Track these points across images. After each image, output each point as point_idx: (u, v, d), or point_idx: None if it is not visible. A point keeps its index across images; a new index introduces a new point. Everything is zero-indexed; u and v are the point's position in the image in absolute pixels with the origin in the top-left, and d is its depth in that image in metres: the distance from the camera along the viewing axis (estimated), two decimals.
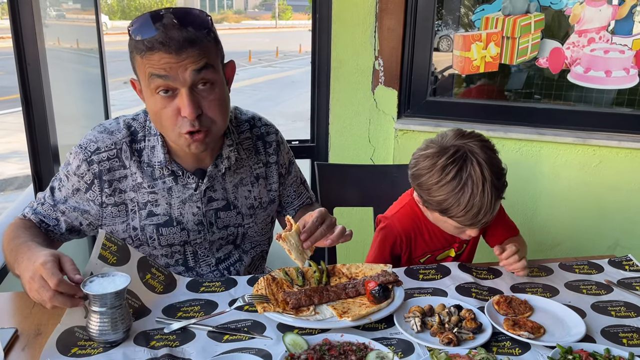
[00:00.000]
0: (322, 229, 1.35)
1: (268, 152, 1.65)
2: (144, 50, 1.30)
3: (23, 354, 1.18)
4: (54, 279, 1.16)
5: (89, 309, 1.18)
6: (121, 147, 1.49)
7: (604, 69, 2.48)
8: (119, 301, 1.19)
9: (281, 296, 1.37)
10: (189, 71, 1.31)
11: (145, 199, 1.51)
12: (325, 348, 1.19)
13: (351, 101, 2.72)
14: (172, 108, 1.35)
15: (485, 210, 1.50)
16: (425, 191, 1.56)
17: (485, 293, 1.48)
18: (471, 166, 1.50)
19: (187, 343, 1.22)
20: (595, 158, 2.50)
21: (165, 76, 1.31)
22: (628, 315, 1.39)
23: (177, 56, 1.29)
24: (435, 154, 1.54)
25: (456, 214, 1.51)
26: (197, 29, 1.32)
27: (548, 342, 1.24)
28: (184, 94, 1.32)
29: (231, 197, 1.59)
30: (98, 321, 1.17)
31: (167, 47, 1.28)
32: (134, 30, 1.32)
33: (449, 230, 1.64)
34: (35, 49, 1.90)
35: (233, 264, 1.66)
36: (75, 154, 1.49)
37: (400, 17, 2.58)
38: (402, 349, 1.22)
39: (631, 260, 1.70)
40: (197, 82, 1.34)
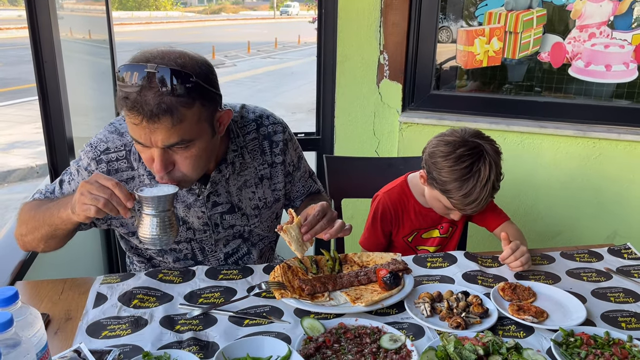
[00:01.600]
0: (323, 222, 1.39)
1: (274, 152, 1.64)
2: (122, 103, 1.26)
3: (56, 337, 1.24)
4: (112, 180, 1.24)
5: (141, 214, 1.27)
6: (130, 148, 1.49)
7: (604, 63, 2.54)
8: (169, 206, 1.27)
9: (297, 283, 1.44)
10: (160, 141, 1.28)
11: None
12: (341, 331, 1.26)
13: (356, 95, 2.78)
14: (146, 155, 1.34)
15: (478, 202, 1.70)
16: (437, 170, 1.73)
17: (491, 280, 1.55)
18: (482, 164, 1.68)
19: (210, 327, 1.28)
20: (595, 150, 2.56)
21: (138, 137, 1.29)
22: (627, 301, 1.47)
23: (150, 125, 1.24)
24: (456, 143, 1.72)
25: (454, 197, 1.70)
26: (178, 94, 1.24)
27: (551, 325, 1.31)
28: (156, 154, 1.31)
29: (235, 199, 1.60)
30: (149, 224, 1.26)
31: (139, 113, 1.23)
32: (120, 78, 1.26)
33: (437, 208, 1.84)
34: (51, 45, 1.94)
35: (242, 257, 1.71)
36: (86, 152, 1.51)
37: (405, 12, 2.63)
38: (413, 332, 1.29)
39: (630, 248, 1.77)
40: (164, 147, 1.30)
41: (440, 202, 1.78)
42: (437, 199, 1.78)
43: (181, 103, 1.25)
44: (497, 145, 1.76)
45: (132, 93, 1.23)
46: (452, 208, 1.76)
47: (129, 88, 1.23)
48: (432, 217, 1.91)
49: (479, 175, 1.67)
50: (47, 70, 1.97)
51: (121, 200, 1.24)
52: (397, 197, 1.90)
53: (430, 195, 1.82)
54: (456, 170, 1.68)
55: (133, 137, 1.32)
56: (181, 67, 1.26)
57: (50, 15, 1.93)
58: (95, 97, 2.87)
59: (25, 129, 7.86)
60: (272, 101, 10.50)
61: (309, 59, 3.50)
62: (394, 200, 1.90)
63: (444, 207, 1.79)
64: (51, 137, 2.06)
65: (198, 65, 1.31)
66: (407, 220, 1.90)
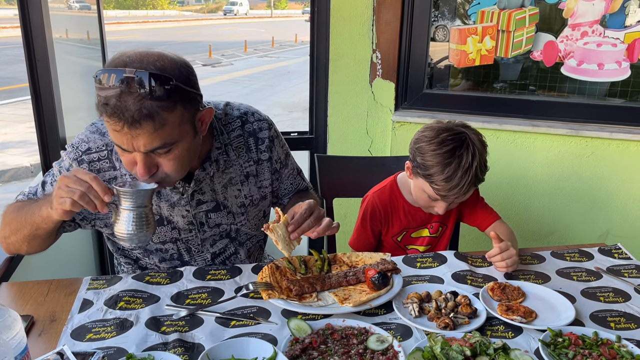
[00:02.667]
0: (310, 221, 1.37)
1: (260, 149, 1.62)
2: (102, 109, 1.23)
3: (40, 339, 1.23)
4: (90, 174, 1.23)
5: (118, 209, 1.25)
6: (112, 148, 1.48)
7: (597, 61, 2.53)
8: (147, 202, 1.26)
9: (285, 284, 1.43)
10: (142, 145, 1.26)
11: None
12: (328, 332, 1.25)
13: (349, 94, 2.77)
14: (128, 158, 1.33)
15: (460, 188, 1.67)
16: (421, 155, 1.73)
17: (480, 280, 1.54)
18: (465, 149, 1.68)
19: (196, 328, 1.27)
20: (587, 149, 2.56)
21: (120, 143, 1.28)
22: (616, 301, 1.46)
23: (130, 130, 1.22)
24: (441, 129, 1.73)
25: (436, 181, 1.69)
26: (159, 101, 1.22)
27: (539, 326, 1.31)
28: (138, 158, 1.29)
29: (220, 197, 1.59)
30: (125, 219, 1.24)
31: (120, 119, 1.21)
32: (97, 82, 1.23)
33: (422, 201, 1.81)
34: (44, 44, 1.93)
35: (229, 257, 1.70)
36: (68, 153, 1.50)
37: (398, 11, 2.62)
38: (401, 333, 1.28)
39: (620, 248, 1.77)
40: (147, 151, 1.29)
41: (424, 192, 1.75)
42: (421, 189, 1.76)
43: (162, 107, 1.23)
44: (484, 139, 1.75)
45: (111, 98, 1.20)
46: (436, 197, 1.73)
47: (108, 92, 1.21)
48: (421, 216, 1.90)
49: (461, 159, 1.66)
50: (39, 69, 1.96)
51: (98, 194, 1.22)
52: (387, 196, 1.90)
53: (415, 187, 1.80)
54: (438, 154, 1.67)
55: (114, 143, 1.31)
56: (160, 70, 1.24)
57: (42, 14, 1.93)
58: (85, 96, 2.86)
59: (20, 128, 7.83)
60: (269, 100, 10.49)
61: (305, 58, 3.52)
62: (384, 200, 1.89)
63: (429, 199, 1.76)
64: (44, 136, 2.05)
65: (177, 68, 1.28)
66: (396, 219, 1.90)
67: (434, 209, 1.80)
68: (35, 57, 1.93)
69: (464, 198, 1.75)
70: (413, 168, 1.78)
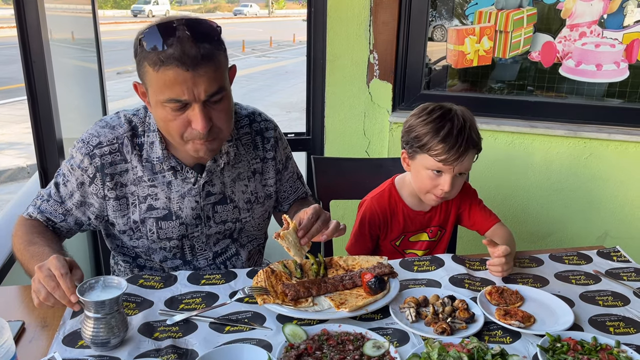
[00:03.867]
0: (318, 224, 1.41)
1: (266, 148, 1.67)
2: (158, 64, 1.28)
3: (31, 346, 1.21)
4: (62, 269, 1.17)
5: (85, 315, 1.17)
6: (123, 141, 1.50)
7: (595, 62, 2.52)
8: (115, 307, 1.18)
9: (280, 288, 1.41)
10: (203, 91, 1.31)
11: (145, 193, 1.54)
12: (323, 338, 1.24)
13: (346, 94, 2.75)
14: (182, 120, 1.35)
15: (458, 147, 1.65)
16: (412, 131, 1.72)
17: (478, 284, 1.53)
18: (454, 114, 1.70)
19: (190, 334, 1.26)
20: (585, 150, 2.55)
21: (179, 94, 1.30)
22: (615, 305, 1.45)
23: (193, 73, 1.28)
24: (426, 105, 1.76)
25: (433, 146, 1.66)
26: (210, 43, 1.31)
27: (538, 330, 1.29)
28: (197, 109, 1.33)
29: (228, 191, 1.61)
30: (93, 326, 1.16)
31: (183, 64, 1.26)
32: (147, 41, 1.29)
33: (425, 183, 1.74)
34: (40, 44, 1.91)
35: (230, 257, 1.69)
36: (78, 149, 1.50)
37: (395, 11, 2.60)
38: (398, 338, 1.26)
39: (619, 251, 1.75)
40: (206, 98, 1.34)
41: (426, 170, 1.71)
42: (422, 168, 1.72)
43: (216, 48, 1.32)
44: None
45: (169, 49, 1.26)
46: (438, 168, 1.68)
47: (165, 47, 1.26)
48: (420, 220, 1.88)
49: (453, 121, 1.67)
50: (35, 70, 1.94)
51: (65, 294, 1.16)
52: (386, 201, 1.86)
53: (415, 171, 1.76)
54: (429, 121, 1.68)
55: (171, 99, 1.31)
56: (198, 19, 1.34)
57: (38, 14, 1.90)
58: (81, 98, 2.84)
59: (16, 128, 7.79)
60: (267, 100, 10.46)
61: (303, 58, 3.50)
62: (383, 205, 1.86)
63: (432, 178, 1.71)
64: (40, 138, 2.03)
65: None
66: (395, 224, 1.87)
67: (439, 188, 1.71)
68: (32, 57, 1.91)
69: (465, 163, 1.68)
70: (408, 151, 1.76)
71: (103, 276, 1.23)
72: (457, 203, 1.89)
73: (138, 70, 1.37)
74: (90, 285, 1.20)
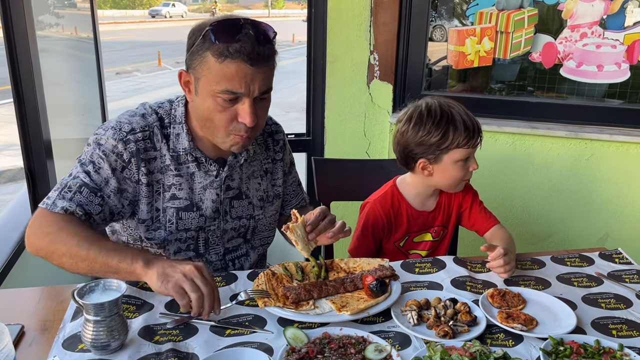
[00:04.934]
0: (325, 222, 1.45)
1: (275, 150, 1.74)
2: (224, 55, 1.34)
3: (30, 350, 1.20)
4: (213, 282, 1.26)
5: (85, 318, 1.17)
6: (153, 129, 1.53)
7: (596, 63, 2.51)
8: (115, 310, 1.17)
9: (281, 291, 1.40)
10: (258, 88, 1.39)
11: (170, 182, 1.55)
12: (325, 341, 1.23)
13: (347, 95, 2.74)
14: (230, 112, 1.42)
15: (475, 124, 1.73)
16: (426, 141, 1.72)
17: (480, 286, 1.52)
18: (449, 107, 1.73)
19: (191, 338, 1.25)
20: (586, 151, 2.54)
21: (237, 87, 1.37)
22: (618, 307, 1.44)
23: (254, 69, 1.36)
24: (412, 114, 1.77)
25: (460, 139, 1.70)
26: (271, 45, 1.40)
27: (540, 334, 1.28)
28: (247, 104, 1.40)
29: (244, 187, 1.66)
30: (92, 330, 1.15)
31: (248, 60, 1.34)
32: (216, 33, 1.35)
33: (458, 174, 1.77)
34: (26, 45, 1.88)
35: (239, 257, 1.70)
36: (109, 136, 1.48)
37: (395, 12, 2.60)
38: (400, 341, 1.26)
39: (621, 253, 1.75)
40: (259, 95, 1.41)
41: (457, 163, 1.73)
42: (453, 163, 1.74)
43: (273, 52, 1.41)
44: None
45: (236, 44, 1.33)
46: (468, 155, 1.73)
47: (234, 42, 1.33)
48: (424, 220, 1.87)
49: (453, 109, 1.72)
50: (22, 71, 1.92)
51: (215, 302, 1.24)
52: (389, 203, 1.85)
53: (443, 172, 1.76)
54: (439, 125, 1.70)
55: (227, 90, 1.37)
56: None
57: (25, 16, 1.88)
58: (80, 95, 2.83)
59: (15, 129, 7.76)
60: None
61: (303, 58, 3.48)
62: (386, 207, 1.84)
63: (462, 166, 1.74)
64: (27, 140, 2.00)
65: None
66: (399, 225, 1.86)
67: (470, 171, 1.77)
68: (18, 59, 1.89)
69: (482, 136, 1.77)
70: (430, 158, 1.74)
71: (103, 279, 1.22)
72: (459, 202, 1.89)
73: (191, 60, 1.42)
74: (90, 288, 1.19)
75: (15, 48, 1.87)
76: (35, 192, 1.99)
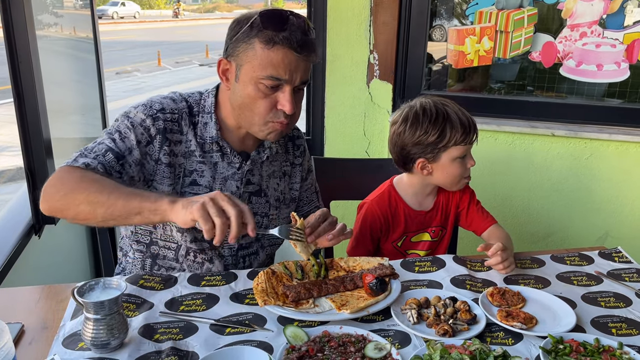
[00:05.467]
0: (325, 225, 1.44)
1: (295, 154, 1.76)
2: (272, 42, 1.38)
3: (31, 348, 1.20)
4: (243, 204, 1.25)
5: (85, 316, 1.17)
6: (182, 114, 1.55)
7: (596, 62, 2.52)
8: (115, 308, 1.17)
9: (281, 289, 1.40)
10: (300, 75, 1.43)
11: (193, 167, 1.55)
12: (325, 340, 1.23)
13: (346, 95, 2.75)
14: (270, 100, 1.44)
15: (471, 121, 1.75)
16: (424, 140, 1.73)
17: (480, 285, 1.52)
18: (444, 106, 1.75)
19: (191, 336, 1.25)
20: (586, 151, 2.54)
21: (281, 73, 1.40)
22: (617, 306, 1.44)
23: (299, 58, 1.40)
24: (408, 114, 1.78)
25: (457, 137, 1.72)
26: (312, 37, 1.44)
27: (540, 332, 1.28)
28: (288, 91, 1.43)
29: (264, 184, 1.67)
30: (92, 328, 1.15)
31: (297, 47, 1.38)
32: (266, 20, 1.39)
33: (457, 172, 1.78)
34: (27, 45, 1.88)
35: (250, 255, 1.70)
36: (139, 110, 1.51)
37: (395, 12, 2.60)
38: (399, 340, 1.26)
39: (620, 252, 1.75)
40: (299, 84, 1.45)
41: (455, 161, 1.75)
42: (451, 161, 1.75)
43: (316, 44, 1.45)
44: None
45: (285, 32, 1.37)
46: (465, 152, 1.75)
47: (283, 30, 1.37)
48: (421, 220, 1.88)
49: (447, 107, 1.73)
50: (22, 71, 1.91)
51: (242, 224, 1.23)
52: (386, 202, 1.86)
53: (442, 170, 1.77)
54: (436, 124, 1.72)
55: (271, 76, 1.40)
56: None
57: (25, 15, 1.87)
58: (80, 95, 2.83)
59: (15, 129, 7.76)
60: None
61: None
62: (383, 207, 1.85)
63: (461, 164, 1.76)
64: (27, 139, 2.00)
65: None
66: (397, 224, 1.87)
67: (469, 167, 1.80)
68: (18, 59, 1.88)
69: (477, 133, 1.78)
70: (428, 157, 1.76)
71: (103, 278, 1.22)
72: (457, 202, 1.89)
73: (234, 47, 1.44)
74: (90, 286, 1.19)
75: (15, 47, 1.87)
76: (36, 192, 1.99)
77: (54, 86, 2.25)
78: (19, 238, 1.88)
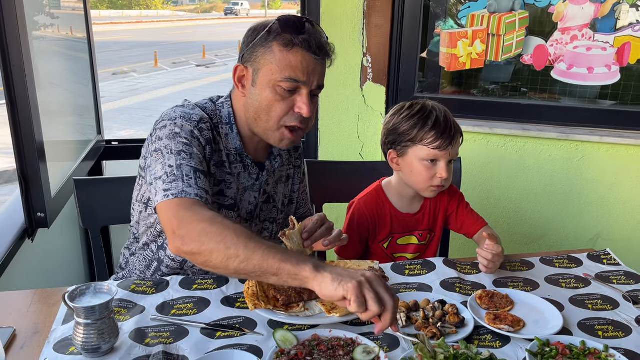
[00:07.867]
0: (322, 230, 1.45)
1: (295, 157, 1.79)
2: (292, 44, 1.39)
3: (22, 352, 1.21)
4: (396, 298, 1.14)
5: (76, 321, 1.18)
6: (213, 124, 1.54)
7: (587, 65, 2.53)
8: (106, 313, 1.18)
9: (272, 293, 1.42)
10: (316, 80, 1.44)
11: (222, 178, 1.54)
12: (314, 343, 1.24)
13: (340, 97, 2.76)
14: (288, 103, 1.44)
15: (449, 131, 1.71)
16: (398, 130, 1.76)
17: (469, 288, 1.54)
18: (434, 107, 1.76)
19: (181, 340, 1.26)
20: (577, 153, 2.56)
21: (299, 75, 1.41)
22: (604, 308, 1.46)
23: (317, 61, 1.42)
24: (402, 104, 1.82)
25: (424, 136, 1.71)
26: (328, 42, 1.47)
27: (527, 335, 1.30)
28: (305, 94, 1.43)
29: (272, 191, 1.69)
30: (83, 333, 1.16)
31: (317, 50, 1.41)
32: (285, 24, 1.41)
33: (422, 175, 1.74)
34: (19, 48, 1.86)
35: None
36: (183, 123, 1.44)
37: (388, 15, 2.61)
38: (388, 343, 1.27)
39: (609, 254, 1.77)
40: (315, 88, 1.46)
41: (421, 162, 1.72)
42: (416, 161, 1.73)
43: (330, 49, 1.48)
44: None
45: (304, 35, 1.39)
46: (433, 156, 1.70)
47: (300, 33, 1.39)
48: (408, 222, 1.89)
49: (434, 110, 1.73)
50: (15, 74, 1.90)
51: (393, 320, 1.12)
52: (374, 202, 1.88)
53: (409, 167, 1.76)
54: (413, 115, 1.74)
55: (290, 78, 1.41)
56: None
57: (17, 18, 1.86)
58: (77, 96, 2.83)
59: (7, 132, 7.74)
60: None
61: None
62: (370, 206, 1.87)
63: (428, 168, 1.72)
64: (20, 143, 1.99)
65: None
66: (383, 225, 1.88)
67: (437, 177, 1.72)
68: (10, 61, 1.88)
69: (456, 148, 1.74)
70: (397, 149, 1.78)
71: (94, 283, 1.23)
72: (445, 206, 1.90)
73: (252, 52, 1.45)
74: (81, 291, 1.20)
75: (7, 49, 1.86)
76: (29, 194, 1.99)
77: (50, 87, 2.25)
78: (11, 242, 1.87)
